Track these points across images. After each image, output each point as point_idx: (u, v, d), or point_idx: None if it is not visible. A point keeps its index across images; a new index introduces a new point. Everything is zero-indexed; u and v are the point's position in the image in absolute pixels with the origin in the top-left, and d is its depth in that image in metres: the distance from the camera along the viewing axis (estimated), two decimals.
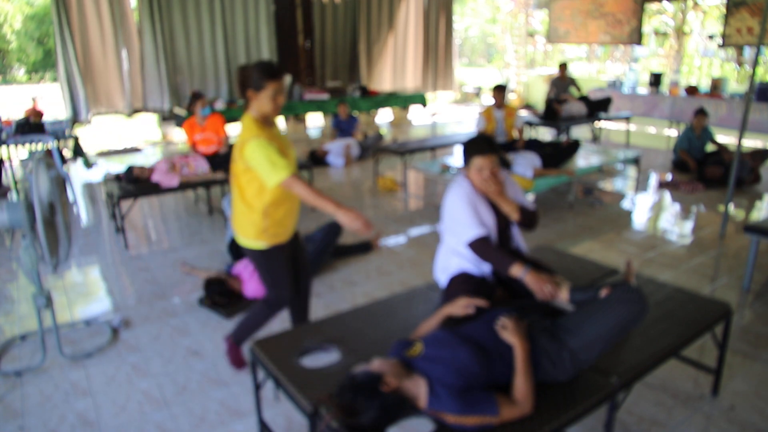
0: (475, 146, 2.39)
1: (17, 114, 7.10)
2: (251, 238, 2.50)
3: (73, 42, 8.41)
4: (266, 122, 2.42)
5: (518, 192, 2.56)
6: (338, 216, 2.23)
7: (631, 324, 1.89)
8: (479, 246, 2.34)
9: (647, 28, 14.32)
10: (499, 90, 6.06)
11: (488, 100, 14.78)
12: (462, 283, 2.39)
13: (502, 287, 2.50)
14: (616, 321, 1.85)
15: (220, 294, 3.55)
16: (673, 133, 9.30)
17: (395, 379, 1.69)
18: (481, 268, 2.45)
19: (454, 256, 2.50)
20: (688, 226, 5.17)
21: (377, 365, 1.73)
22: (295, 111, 9.68)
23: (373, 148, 7.65)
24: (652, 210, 5.68)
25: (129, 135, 10.50)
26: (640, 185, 6.48)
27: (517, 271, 2.25)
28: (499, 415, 1.67)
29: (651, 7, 13.28)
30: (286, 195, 2.45)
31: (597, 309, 1.91)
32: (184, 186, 4.91)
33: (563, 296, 2.14)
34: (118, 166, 7.40)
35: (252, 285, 3.65)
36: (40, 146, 6.09)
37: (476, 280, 2.39)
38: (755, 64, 4.48)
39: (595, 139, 9.06)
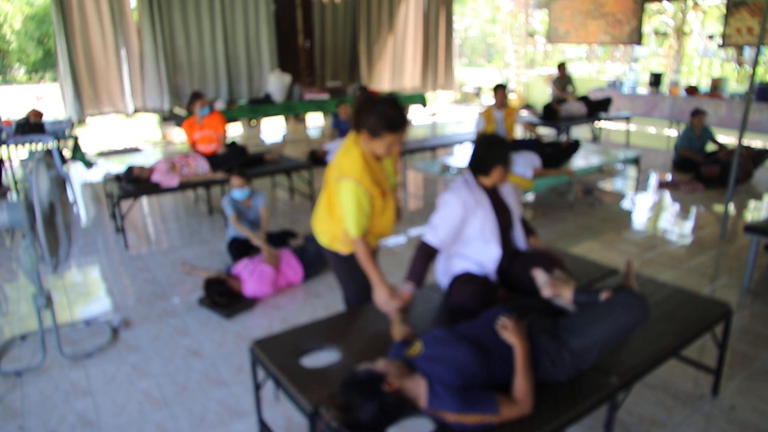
0: (497, 152, 2.35)
1: (17, 114, 7.09)
2: (328, 244, 2.47)
3: (73, 42, 8.42)
4: (374, 156, 2.30)
5: (514, 188, 2.56)
6: (375, 290, 2.28)
7: (632, 329, 1.88)
8: (421, 248, 2.34)
9: (647, 28, 14.32)
10: (500, 89, 6.06)
11: (488, 100, 14.77)
12: (465, 282, 2.39)
13: (504, 287, 2.50)
14: (618, 325, 1.85)
15: (220, 294, 3.55)
16: (673, 133, 9.30)
17: (397, 379, 1.69)
18: (483, 268, 2.44)
19: (455, 259, 2.49)
20: (688, 226, 5.17)
21: (381, 365, 1.73)
22: (295, 111, 9.68)
23: None
24: (652, 210, 5.68)
25: (129, 135, 10.50)
26: (640, 185, 6.48)
27: (407, 285, 2.31)
28: (499, 413, 1.67)
29: (651, 7, 13.27)
30: (369, 230, 2.36)
31: (600, 312, 1.90)
32: (184, 186, 4.91)
33: (567, 296, 2.13)
34: (118, 166, 7.40)
35: (251, 284, 3.66)
36: (40, 146, 6.08)
37: (480, 280, 2.39)
38: (755, 64, 4.47)
39: (595, 139, 9.06)
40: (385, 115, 2.14)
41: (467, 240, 2.43)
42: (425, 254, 2.34)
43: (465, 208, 2.33)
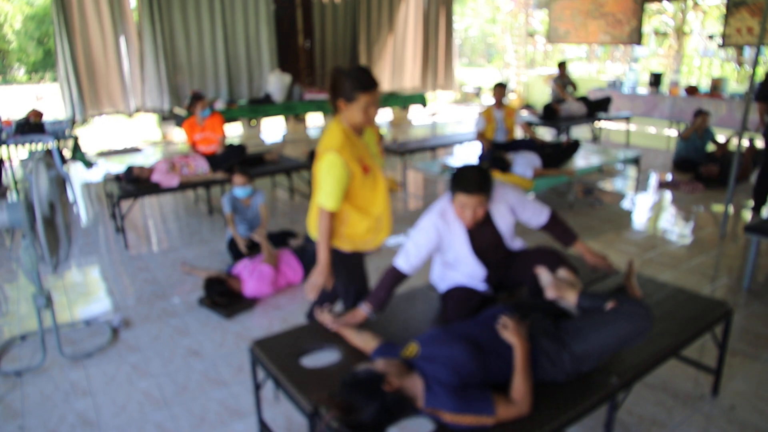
0: (461, 181, 2.16)
1: (17, 114, 7.10)
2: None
3: (73, 42, 8.41)
4: (355, 130, 2.35)
5: (516, 201, 2.39)
6: (316, 269, 2.40)
7: (635, 339, 1.87)
8: (390, 272, 2.25)
9: (647, 28, 14.32)
10: (500, 88, 6.06)
11: (488, 100, 14.77)
12: (459, 302, 2.31)
13: (504, 292, 2.47)
14: (621, 334, 1.84)
15: (220, 294, 3.55)
16: (673, 133, 9.30)
17: (397, 379, 1.69)
18: (474, 279, 2.37)
19: (446, 269, 2.46)
20: (688, 226, 5.17)
21: (381, 365, 1.73)
22: (295, 111, 9.68)
23: None
24: (652, 210, 5.68)
25: (129, 135, 10.50)
26: (640, 185, 6.48)
27: (365, 307, 2.23)
28: (495, 414, 1.67)
29: (651, 7, 13.27)
30: (366, 211, 2.39)
31: (604, 319, 1.88)
32: (184, 186, 4.91)
33: (571, 299, 2.12)
34: (118, 166, 7.40)
35: (251, 284, 3.66)
36: (40, 146, 6.08)
37: (473, 297, 2.31)
38: (755, 64, 4.48)
39: (595, 139, 9.06)
40: (356, 76, 2.23)
41: (447, 261, 2.39)
42: (393, 278, 2.24)
43: (439, 238, 2.27)
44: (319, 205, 2.31)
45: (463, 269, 2.37)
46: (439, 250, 2.34)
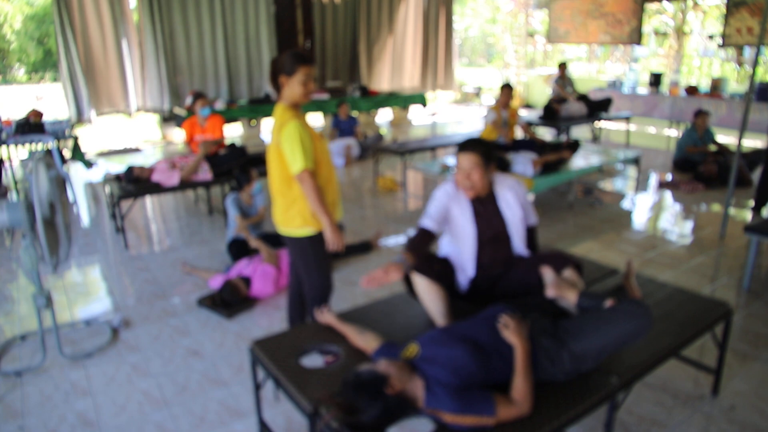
0: (460, 144, 2.39)
1: (17, 114, 7.10)
2: (298, 227, 2.52)
3: (75, 42, 8.42)
4: (296, 108, 2.48)
5: (522, 196, 2.47)
6: (325, 231, 2.46)
7: (634, 339, 1.88)
8: (417, 230, 2.42)
9: (647, 28, 14.31)
10: (506, 89, 6.04)
11: (488, 100, 14.77)
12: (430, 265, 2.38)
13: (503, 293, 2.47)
14: (620, 333, 1.84)
15: (232, 302, 3.53)
16: (673, 133, 9.30)
17: (400, 381, 1.68)
18: (463, 271, 2.44)
19: (446, 245, 2.55)
20: (688, 226, 5.17)
21: (384, 366, 1.72)
22: None
23: (373, 148, 7.66)
24: (652, 210, 5.68)
25: (129, 135, 10.50)
26: (640, 185, 6.48)
27: (402, 255, 2.31)
28: (496, 415, 1.67)
29: (651, 7, 13.27)
30: (328, 176, 2.51)
31: (603, 318, 1.89)
32: (184, 186, 4.91)
33: (571, 299, 2.13)
34: (118, 166, 7.40)
35: (256, 284, 3.66)
36: (40, 146, 6.08)
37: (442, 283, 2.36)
38: (755, 64, 4.47)
39: (595, 139, 9.05)
40: (292, 53, 2.43)
41: (452, 235, 2.46)
42: (423, 235, 2.41)
43: (447, 196, 2.41)
44: (297, 172, 2.37)
45: (461, 248, 2.43)
46: (448, 212, 2.43)
